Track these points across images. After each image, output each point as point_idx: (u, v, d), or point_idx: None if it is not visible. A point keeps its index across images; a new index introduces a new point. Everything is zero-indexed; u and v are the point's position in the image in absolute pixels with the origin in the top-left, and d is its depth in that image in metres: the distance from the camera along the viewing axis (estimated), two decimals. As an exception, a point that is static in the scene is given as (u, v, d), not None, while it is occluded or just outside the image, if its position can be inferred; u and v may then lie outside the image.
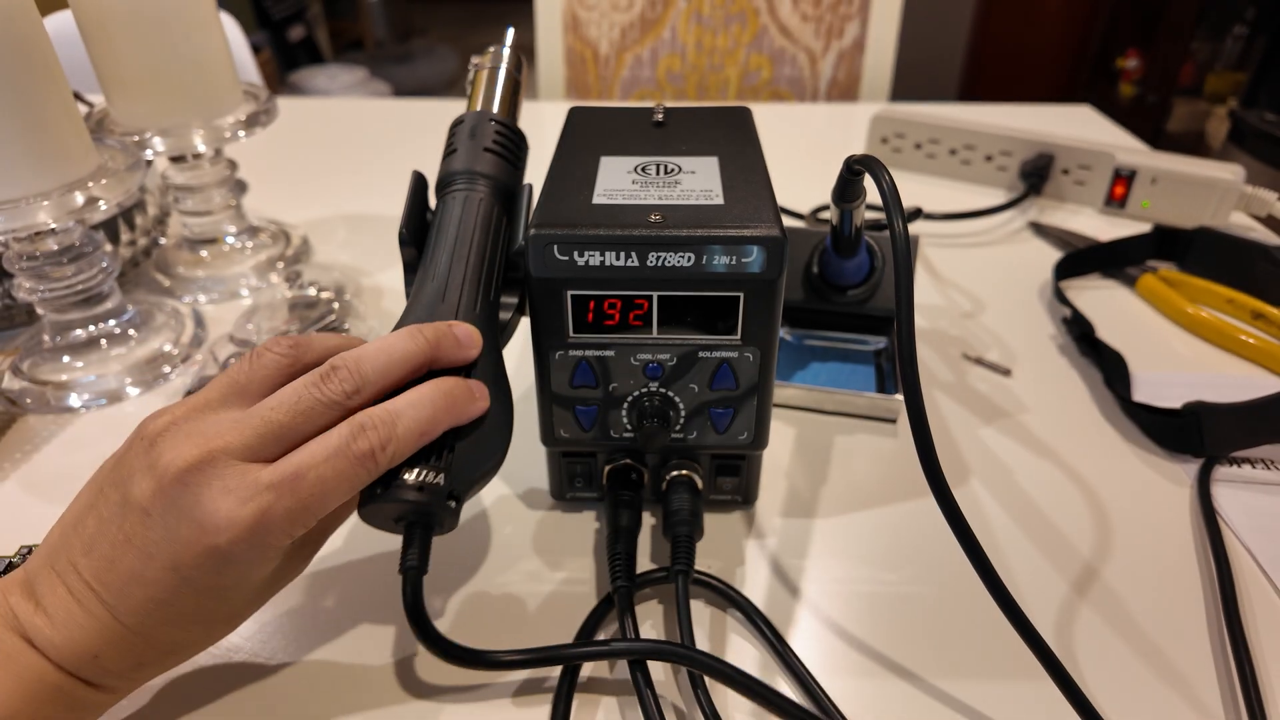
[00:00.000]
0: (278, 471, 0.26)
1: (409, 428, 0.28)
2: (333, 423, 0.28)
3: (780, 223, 0.32)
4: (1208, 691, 0.32)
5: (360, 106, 1.00)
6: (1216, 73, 2.13)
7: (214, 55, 0.54)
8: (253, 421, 0.27)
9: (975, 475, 0.43)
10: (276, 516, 0.25)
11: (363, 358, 0.29)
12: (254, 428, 0.27)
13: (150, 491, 0.25)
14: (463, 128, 0.37)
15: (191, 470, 0.25)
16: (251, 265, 0.61)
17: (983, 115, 0.79)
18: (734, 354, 0.34)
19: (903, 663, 0.34)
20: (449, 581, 0.37)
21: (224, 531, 0.25)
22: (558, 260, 0.32)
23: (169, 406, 0.28)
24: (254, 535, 0.25)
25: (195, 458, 0.25)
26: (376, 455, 0.27)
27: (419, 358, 0.29)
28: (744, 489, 0.40)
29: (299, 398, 0.27)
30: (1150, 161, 0.67)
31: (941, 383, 0.50)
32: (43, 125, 0.43)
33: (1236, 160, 1.15)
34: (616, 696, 0.32)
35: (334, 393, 0.28)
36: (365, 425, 0.27)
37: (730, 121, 0.41)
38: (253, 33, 2.61)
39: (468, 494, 0.30)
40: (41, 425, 0.47)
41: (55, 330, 0.50)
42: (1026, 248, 0.66)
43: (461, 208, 0.34)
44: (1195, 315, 0.55)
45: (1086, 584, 0.37)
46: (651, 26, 1.08)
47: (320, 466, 0.26)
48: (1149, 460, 0.44)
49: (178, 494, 0.25)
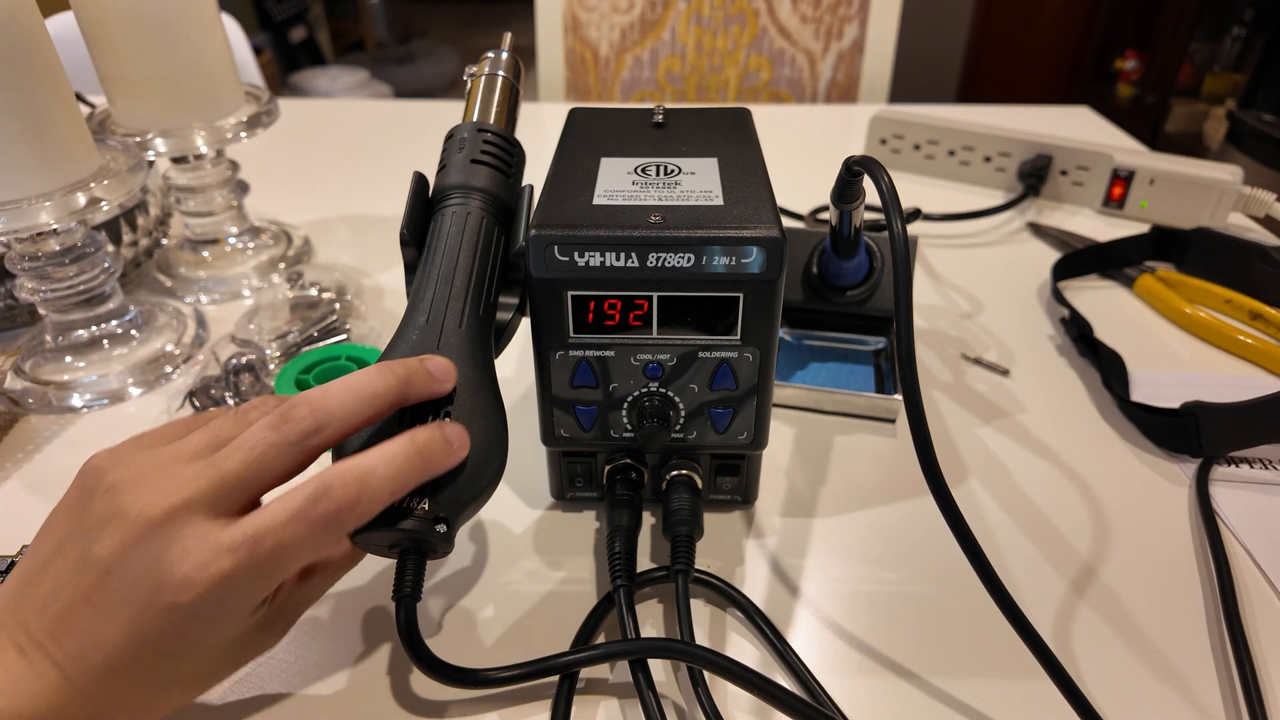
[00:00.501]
0: (236, 535, 0.25)
1: (380, 487, 0.26)
2: (296, 466, 0.27)
3: (780, 223, 0.32)
4: (1207, 691, 0.33)
5: (361, 108, 1.00)
6: (1214, 74, 2.13)
7: (216, 57, 0.54)
8: (211, 473, 0.25)
9: (974, 475, 0.43)
10: (237, 580, 0.25)
11: (326, 394, 0.27)
12: (212, 480, 0.25)
13: (113, 548, 0.24)
14: (454, 140, 0.37)
15: (155, 527, 0.24)
16: (253, 266, 0.61)
17: (981, 116, 0.79)
18: (734, 354, 0.34)
19: (902, 662, 0.34)
20: (449, 582, 0.37)
21: (184, 592, 0.24)
22: (558, 261, 0.32)
23: (124, 447, 0.27)
24: (214, 597, 0.24)
25: (159, 514, 0.24)
26: (342, 517, 0.26)
27: (389, 395, 0.28)
28: (744, 489, 0.40)
29: (254, 444, 0.26)
30: (1148, 162, 0.68)
31: (940, 383, 0.51)
32: (45, 126, 0.43)
33: (1234, 161, 1.15)
34: (617, 698, 0.32)
35: (292, 434, 0.26)
36: (331, 486, 0.26)
37: (730, 122, 0.42)
38: (254, 34, 2.61)
39: (459, 520, 0.29)
40: (43, 425, 0.47)
41: (57, 330, 0.50)
42: (1025, 248, 0.66)
43: (451, 223, 0.34)
44: (1193, 315, 0.55)
45: (1085, 583, 0.37)
46: (651, 28, 1.09)
47: (279, 531, 0.25)
48: (1147, 460, 0.45)
49: (139, 553, 0.24)
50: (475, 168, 0.35)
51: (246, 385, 0.47)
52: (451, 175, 0.35)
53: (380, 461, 0.27)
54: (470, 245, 0.33)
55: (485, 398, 0.31)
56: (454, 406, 0.30)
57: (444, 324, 0.32)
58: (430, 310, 0.32)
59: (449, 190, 0.35)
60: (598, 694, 0.32)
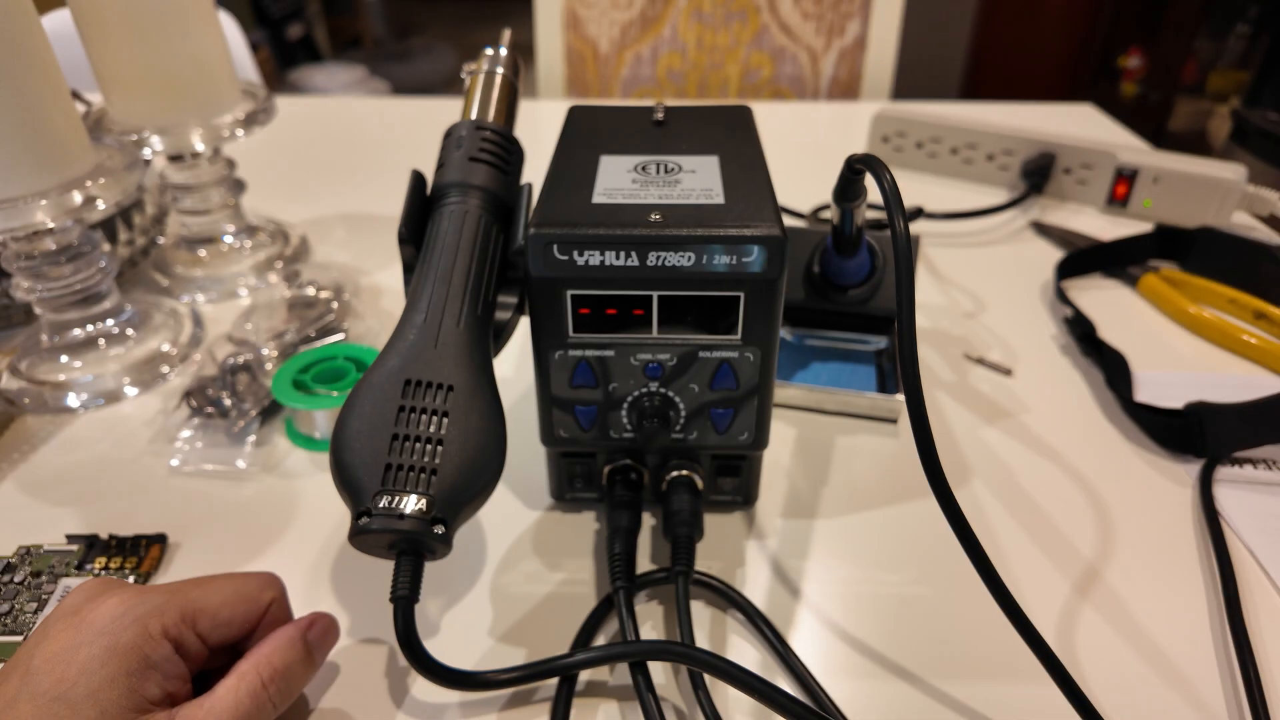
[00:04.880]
0: None
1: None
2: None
3: (781, 222, 0.31)
4: (1210, 693, 0.32)
5: (359, 105, 0.99)
6: (1219, 71, 2.13)
7: (212, 53, 0.54)
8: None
9: (976, 475, 0.43)
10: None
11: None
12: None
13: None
14: (451, 139, 0.37)
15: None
16: (250, 264, 0.61)
17: (984, 114, 0.79)
18: (734, 354, 0.34)
19: (904, 663, 0.33)
20: (449, 583, 0.37)
21: None
22: (557, 260, 0.32)
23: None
24: None
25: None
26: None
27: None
28: (744, 489, 0.40)
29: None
30: (1152, 161, 0.67)
31: (943, 383, 0.50)
32: (40, 124, 0.42)
33: (1239, 159, 1.14)
34: (617, 700, 0.32)
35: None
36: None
37: (731, 120, 0.41)
38: (251, 31, 2.61)
39: (456, 521, 0.29)
40: (39, 425, 0.47)
41: (53, 330, 0.49)
42: (1028, 247, 0.66)
43: (449, 221, 0.34)
44: (1197, 315, 0.55)
45: (1088, 585, 0.37)
46: (652, 24, 1.08)
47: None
48: (1151, 460, 0.44)
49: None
50: (474, 166, 0.35)
51: (243, 385, 0.47)
52: (450, 173, 0.35)
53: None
54: (469, 244, 0.33)
55: (484, 398, 0.31)
56: (452, 406, 0.30)
57: (442, 323, 0.31)
58: (428, 309, 0.31)
59: (447, 189, 0.35)
60: (597, 696, 0.32)
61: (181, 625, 0.28)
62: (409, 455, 0.28)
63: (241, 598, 0.30)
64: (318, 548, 0.39)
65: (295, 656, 0.29)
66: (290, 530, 0.40)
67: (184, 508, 0.41)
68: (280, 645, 0.29)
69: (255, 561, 0.38)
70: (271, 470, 0.43)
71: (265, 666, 0.28)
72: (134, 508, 0.41)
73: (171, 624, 0.27)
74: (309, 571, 0.37)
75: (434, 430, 0.29)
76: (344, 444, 0.29)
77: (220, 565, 0.38)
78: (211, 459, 0.43)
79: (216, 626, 0.29)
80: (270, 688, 0.28)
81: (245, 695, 0.27)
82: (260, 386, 0.47)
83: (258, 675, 0.28)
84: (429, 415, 0.29)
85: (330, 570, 0.37)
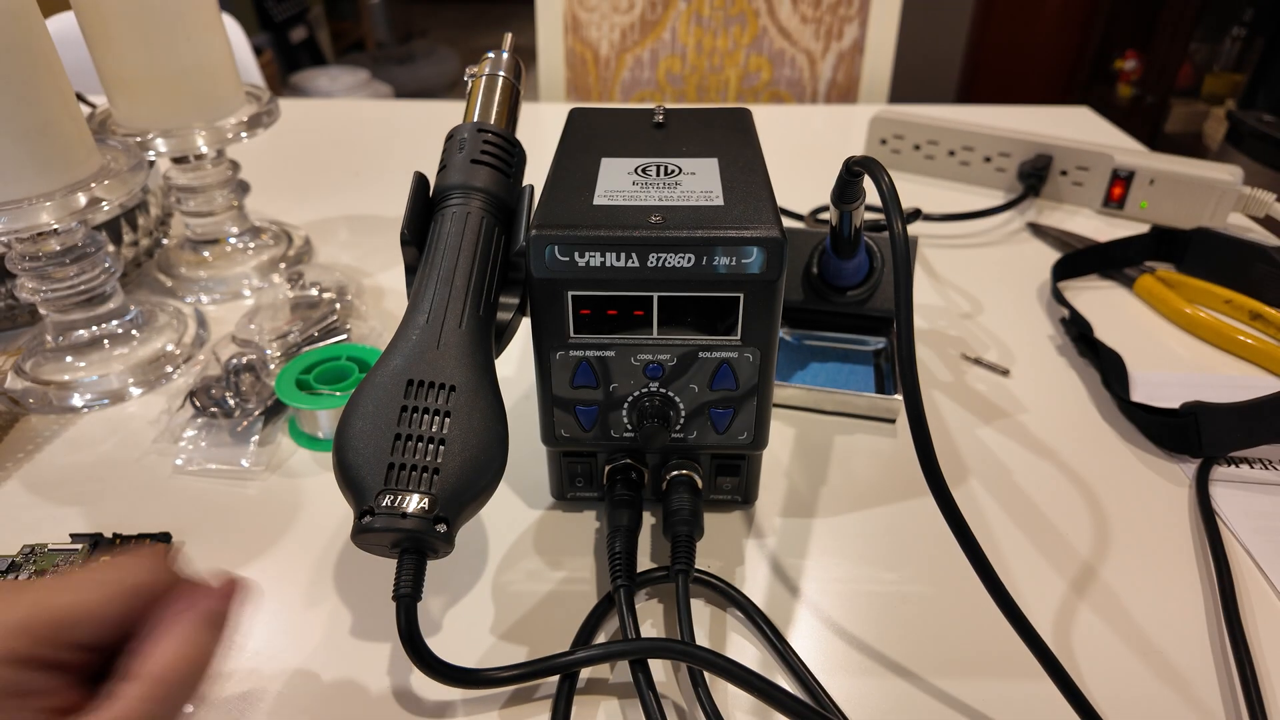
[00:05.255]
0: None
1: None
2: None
3: (780, 224, 0.32)
4: (1207, 691, 0.33)
5: (362, 108, 1.00)
6: (1214, 74, 2.13)
7: (216, 57, 0.54)
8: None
9: (974, 475, 0.43)
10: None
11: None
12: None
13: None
14: (454, 141, 0.37)
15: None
16: (253, 266, 0.61)
17: (981, 117, 0.79)
18: (734, 354, 0.34)
19: (902, 662, 0.34)
20: (450, 581, 0.37)
21: None
22: (558, 261, 0.32)
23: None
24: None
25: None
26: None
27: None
28: (744, 489, 0.40)
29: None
30: (1148, 162, 0.68)
31: (940, 383, 0.51)
32: (45, 126, 0.43)
33: (1234, 161, 1.15)
34: (617, 698, 0.32)
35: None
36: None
37: (730, 123, 0.42)
38: (255, 34, 2.61)
39: (459, 520, 0.29)
40: (44, 425, 0.47)
41: (58, 330, 0.50)
42: (1025, 248, 0.66)
43: (451, 223, 0.34)
44: (1193, 316, 0.55)
45: (1085, 584, 0.37)
46: (651, 28, 1.09)
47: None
48: (1147, 460, 0.45)
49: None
50: (476, 168, 0.35)
51: (247, 385, 0.47)
52: (452, 175, 0.35)
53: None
54: (470, 245, 0.33)
55: (486, 397, 0.31)
56: (454, 406, 0.30)
57: (444, 324, 0.32)
58: (430, 310, 0.32)
59: (449, 190, 0.35)
60: (598, 694, 0.32)
61: (32, 644, 0.23)
62: (412, 455, 0.29)
63: (101, 590, 0.25)
64: (321, 546, 0.39)
65: (186, 650, 0.24)
66: (294, 529, 0.40)
67: (188, 507, 0.41)
68: (167, 642, 0.24)
69: (259, 560, 0.38)
70: (275, 470, 0.43)
71: (147, 677, 0.24)
72: (138, 507, 0.41)
73: (18, 648, 0.23)
74: (312, 570, 0.38)
75: (436, 430, 0.29)
76: (347, 443, 0.29)
77: (224, 564, 0.38)
78: (215, 458, 0.44)
79: (80, 626, 0.24)
80: (157, 691, 0.24)
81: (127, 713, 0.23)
82: (264, 386, 0.47)
83: (140, 686, 0.23)
84: (431, 415, 0.30)
85: (333, 569, 0.38)
